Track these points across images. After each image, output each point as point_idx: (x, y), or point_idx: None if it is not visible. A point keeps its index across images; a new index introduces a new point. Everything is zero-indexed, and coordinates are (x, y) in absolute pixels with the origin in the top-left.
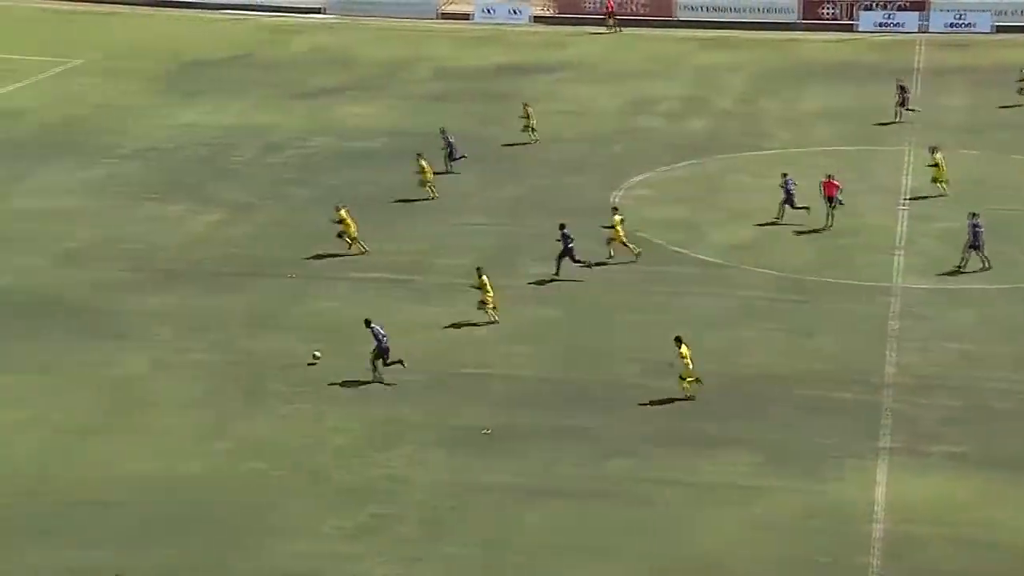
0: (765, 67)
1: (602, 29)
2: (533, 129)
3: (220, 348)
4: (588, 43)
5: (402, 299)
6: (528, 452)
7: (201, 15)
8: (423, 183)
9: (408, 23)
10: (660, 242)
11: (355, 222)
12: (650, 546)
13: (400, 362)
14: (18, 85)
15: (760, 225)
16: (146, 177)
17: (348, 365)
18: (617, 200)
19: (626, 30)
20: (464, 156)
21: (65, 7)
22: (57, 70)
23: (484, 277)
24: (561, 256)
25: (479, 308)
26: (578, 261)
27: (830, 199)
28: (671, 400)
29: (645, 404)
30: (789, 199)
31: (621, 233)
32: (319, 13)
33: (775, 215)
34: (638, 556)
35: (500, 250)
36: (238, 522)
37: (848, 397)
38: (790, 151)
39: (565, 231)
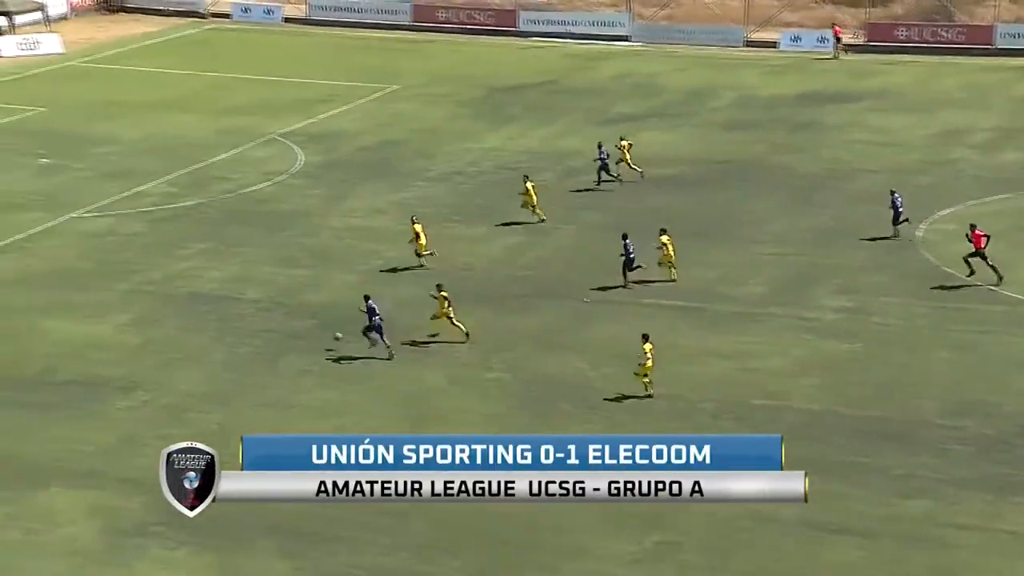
0: None
1: (910, 57)
2: (634, 166)
3: (513, 367)
4: (899, 72)
5: (692, 326)
6: (821, 487)
7: (512, 42)
8: (525, 204)
9: (714, 51)
10: (967, 278)
11: (426, 235)
12: None
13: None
14: (341, 109)
15: None
16: (451, 199)
17: (638, 389)
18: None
19: (946, 59)
20: (609, 178)
21: (387, 36)
22: (376, 95)
23: (444, 292)
24: (624, 267)
25: (433, 319)
26: (635, 268)
27: (979, 252)
28: (974, 442)
29: (946, 444)
30: (897, 215)
31: (670, 251)
32: (625, 40)
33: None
34: None
35: (796, 280)
36: (527, 539)
37: None
38: None
39: (627, 242)
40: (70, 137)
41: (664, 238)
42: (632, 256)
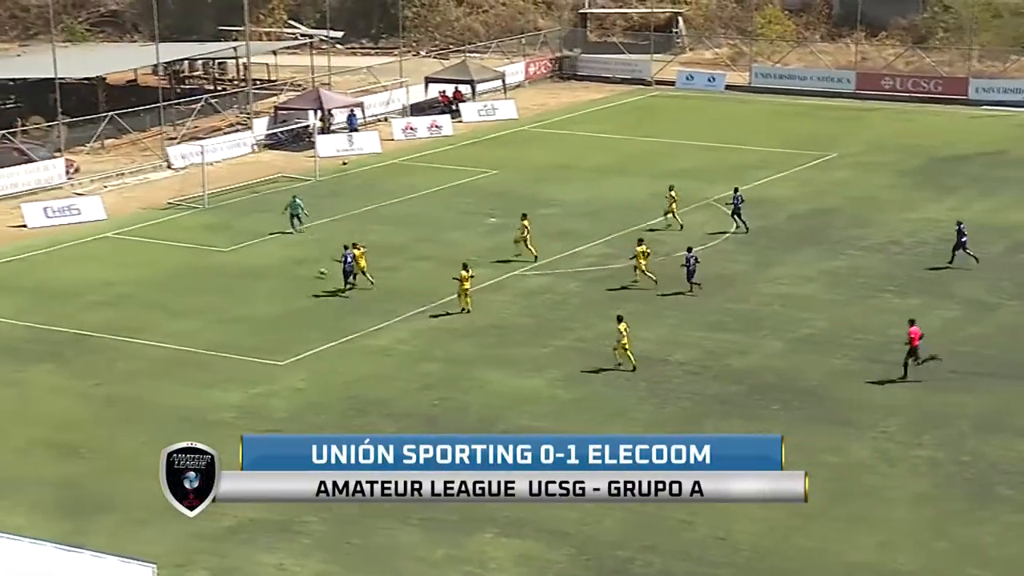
0: None
1: None
2: (673, 214)
3: (947, 446)
4: None
5: None
6: None
7: (961, 111)
8: (518, 241)
9: None
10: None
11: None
12: None
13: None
14: (776, 176)
15: None
16: (885, 270)
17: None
18: None
19: None
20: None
21: (829, 103)
22: (813, 163)
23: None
24: (689, 277)
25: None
26: (694, 283)
27: (913, 349)
28: None
29: None
30: (961, 245)
31: (643, 262)
32: None
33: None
34: None
35: None
36: None
37: None
38: None
39: (690, 254)
40: (518, 198)
41: (640, 248)
42: (693, 269)
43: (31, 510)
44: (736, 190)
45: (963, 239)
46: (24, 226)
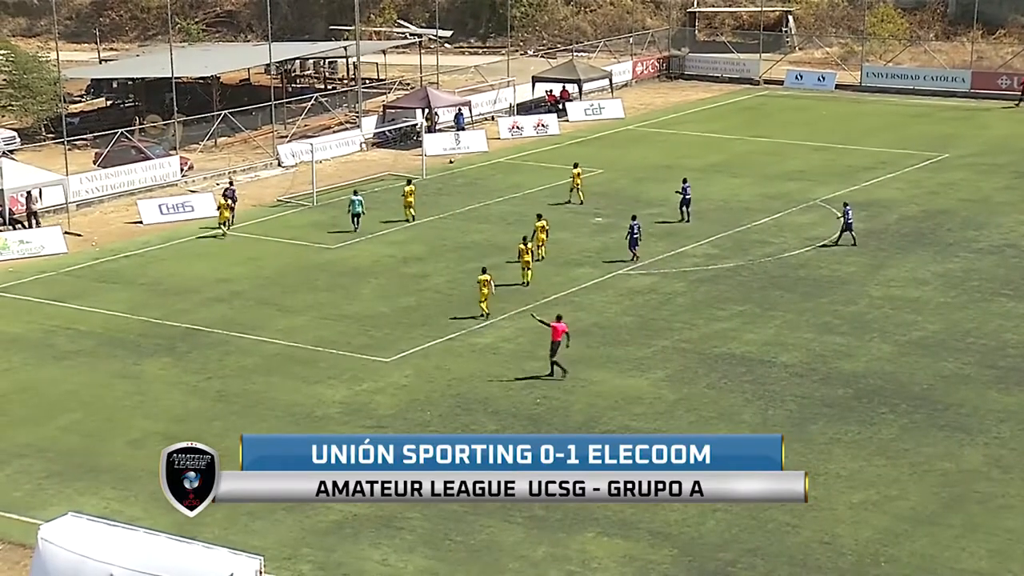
0: None
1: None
2: (579, 191)
3: None
4: None
5: None
6: None
7: None
8: (406, 206)
9: None
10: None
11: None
12: None
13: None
14: (886, 177)
15: None
16: (1002, 273)
17: None
18: None
19: None
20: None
21: (942, 103)
22: (925, 164)
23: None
24: (631, 245)
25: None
26: (633, 251)
27: (554, 344)
28: None
29: None
30: (848, 227)
31: (542, 235)
32: None
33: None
34: None
35: None
36: None
37: None
38: None
39: (635, 223)
40: (622, 197)
41: (540, 223)
42: (636, 237)
43: (147, 501)
44: (685, 180)
45: (849, 220)
46: (140, 222)
